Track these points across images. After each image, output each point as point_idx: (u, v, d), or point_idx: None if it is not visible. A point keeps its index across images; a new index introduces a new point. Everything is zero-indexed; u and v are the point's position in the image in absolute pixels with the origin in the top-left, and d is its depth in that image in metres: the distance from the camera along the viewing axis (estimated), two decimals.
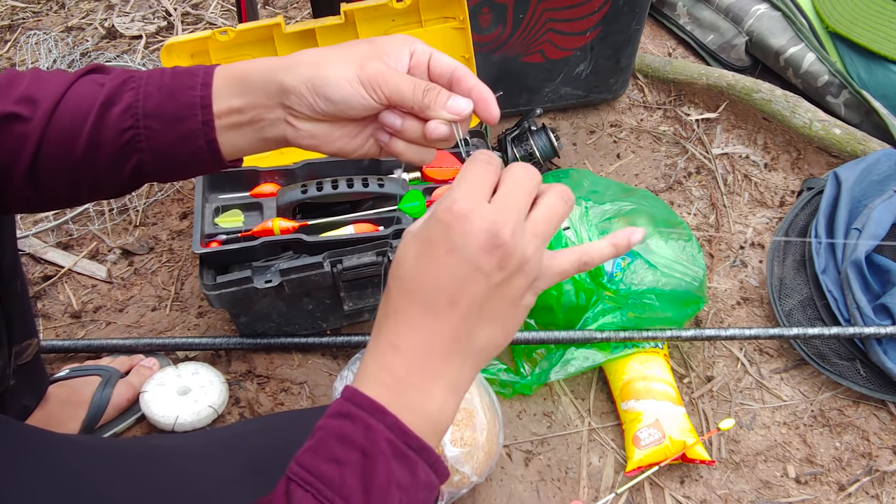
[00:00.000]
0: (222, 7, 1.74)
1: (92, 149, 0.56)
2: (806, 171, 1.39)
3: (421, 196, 1.08)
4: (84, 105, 0.55)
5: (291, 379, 1.11)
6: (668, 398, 1.03)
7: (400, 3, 1.06)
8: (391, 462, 0.44)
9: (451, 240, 0.45)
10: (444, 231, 0.46)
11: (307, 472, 0.44)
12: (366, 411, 0.45)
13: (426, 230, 0.47)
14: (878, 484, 1.03)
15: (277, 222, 1.04)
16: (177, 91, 0.56)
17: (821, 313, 1.13)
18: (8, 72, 0.57)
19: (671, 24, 1.64)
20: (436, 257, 0.46)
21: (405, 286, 0.47)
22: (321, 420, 0.47)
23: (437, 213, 0.46)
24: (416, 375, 0.47)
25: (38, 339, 0.88)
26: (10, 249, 0.79)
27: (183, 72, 0.57)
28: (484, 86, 0.56)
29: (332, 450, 0.45)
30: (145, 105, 0.55)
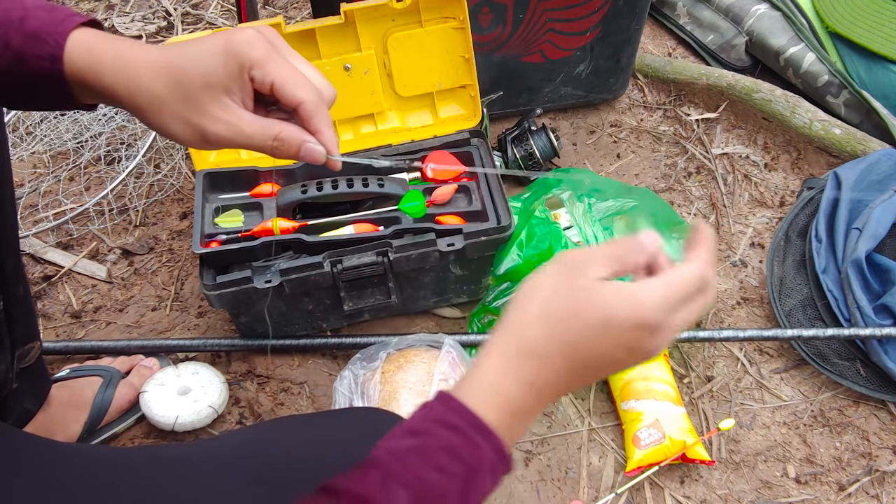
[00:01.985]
0: (222, 7, 1.74)
1: None
2: (806, 171, 1.39)
3: (421, 196, 1.08)
4: None
5: (291, 379, 1.11)
6: (668, 398, 1.03)
7: (400, 3, 1.06)
8: (486, 478, 0.48)
9: (636, 338, 0.48)
10: (638, 328, 0.48)
11: (412, 475, 0.46)
12: (475, 430, 0.47)
13: (622, 313, 0.48)
14: (878, 484, 1.03)
15: (277, 222, 1.04)
16: (25, 57, 0.53)
17: (821, 313, 1.13)
18: None
19: (671, 24, 1.64)
20: (618, 345, 0.48)
21: (571, 349, 0.49)
22: (423, 420, 0.48)
23: (643, 308, 0.48)
24: (532, 413, 0.50)
25: (40, 343, 0.88)
26: (13, 254, 0.79)
27: (32, 32, 0.53)
28: (330, 133, 0.55)
29: (439, 459, 0.46)
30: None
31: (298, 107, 0.55)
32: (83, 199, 1.34)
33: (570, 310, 0.49)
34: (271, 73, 0.53)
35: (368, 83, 1.13)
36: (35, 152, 1.43)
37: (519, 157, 1.31)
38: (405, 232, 1.05)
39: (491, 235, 1.04)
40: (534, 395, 0.49)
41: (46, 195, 1.36)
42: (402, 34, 1.10)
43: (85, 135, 1.42)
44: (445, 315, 1.19)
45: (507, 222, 1.04)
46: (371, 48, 1.11)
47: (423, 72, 1.14)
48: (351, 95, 1.14)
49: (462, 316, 1.19)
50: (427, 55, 1.12)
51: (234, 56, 0.53)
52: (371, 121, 1.19)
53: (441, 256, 1.04)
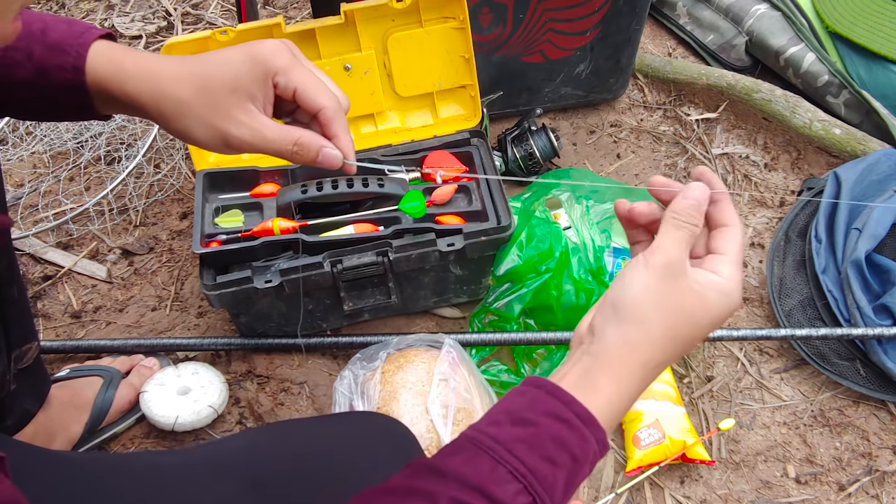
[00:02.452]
0: (222, 7, 1.74)
1: None
2: (806, 171, 1.39)
3: (421, 196, 1.08)
4: None
5: (291, 379, 1.11)
6: (668, 398, 1.03)
7: (400, 3, 1.06)
8: (588, 468, 0.50)
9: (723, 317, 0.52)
10: (728, 313, 0.52)
11: (521, 464, 0.46)
12: (583, 422, 0.49)
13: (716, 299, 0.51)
14: (878, 484, 1.03)
15: (277, 222, 1.04)
16: (47, 69, 0.55)
17: (821, 313, 1.13)
18: None
19: (671, 24, 1.63)
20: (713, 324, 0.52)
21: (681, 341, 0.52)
22: (528, 408, 0.50)
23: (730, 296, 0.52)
24: (631, 403, 0.53)
25: (38, 343, 0.88)
26: (6, 256, 0.78)
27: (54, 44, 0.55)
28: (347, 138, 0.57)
29: (548, 449, 0.48)
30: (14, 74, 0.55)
31: (319, 112, 0.56)
32: (83, 199, 1.34)
33: (682, 312, 0.51)
34: (294, 80, 0.55)
35: (368, 83, 1.13)
36: (35, 152, 1.43)
37: (519, 157, 1.31)
38: (405, 232, 1.05)
39: (491, 235, 1.04)
40: (634, 385, 0.51)
41: (46, 195, 1.36)
42: (402, 34, 1.10)
43: (85, 135, 1.42)
44: (445, 315, 1.19)
45: (507, 222, 1.04)
46: (371, 48, 1.11)
47: (423, 72, 1.14)
48: (351, 95, 1.13)
49: (462, 316, 1.19)
50: (427, 55, 1.12)
51: (261, 63, 0.55)
52: (371, 121, 1.19)
53: (441, 256, 1.04)
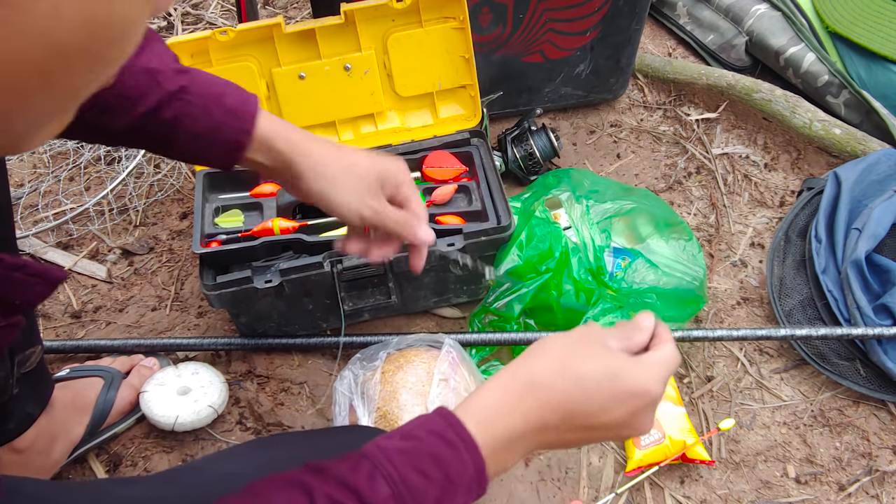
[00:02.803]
0: (222, 7, 1.74)
1: (132, 133, 0.66)
2: (806, 171, 1.39)
3: (421, 196, 1.08)
4: (138, 90, 0.65)
5: (291, 379, 1.11)
6: (668, 398, 1.03)
7: (400, 3, 1.06)
8: (462, 494, 0.51)
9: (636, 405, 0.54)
10: (639, 394, 0.54)
11: (396, 472, 0.49)
12: (465, 447, 0.51)
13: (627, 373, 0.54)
14: (878, 484, 1.03)
15: (277, 222, 1.04)
16: (221, 129, 0.67)
17: (821, 313, 1.13)
18: None
19: (671, 24, 1.64)
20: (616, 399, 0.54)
21: (581, 385, 0.54)
22: (418, 427, 0.52)
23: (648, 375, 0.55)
24: (521, 444, 0.54)
25: (41, 347, 0.88)
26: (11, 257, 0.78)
27: (230, 108, 0.67)
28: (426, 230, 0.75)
29: (423, 464, 0.50)
30: (190, 125, 0.67)
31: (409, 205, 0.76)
32: (83, 199, 1.34)
33: (584, 355, 0.55)
34: (406, 193, 0.75)
35: (368, 83, 1.13)
36: (35, 152, 1.43)
37: (519, 157, 1.31)
38: None
39: (491, 235, 1.04)
40: (527, 429, 0.53)
41: (46, 195, 1.36)
42: (402, 34, 1.10)
43: None
44: (445, 315, 1.19)
45: (507, 222, 1.04)
46: (371, 48, 1.11)
47: (423, 72, 1.14)
48: (351, 95, 1.14)
49: (462, 316, 1.19)
50: (427, 55, 1.12)
51: (394, 174, 0.74)
52: (371, 121, 1.19)
53: (441, 256, 1.04)
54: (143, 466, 1.03)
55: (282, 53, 1.09)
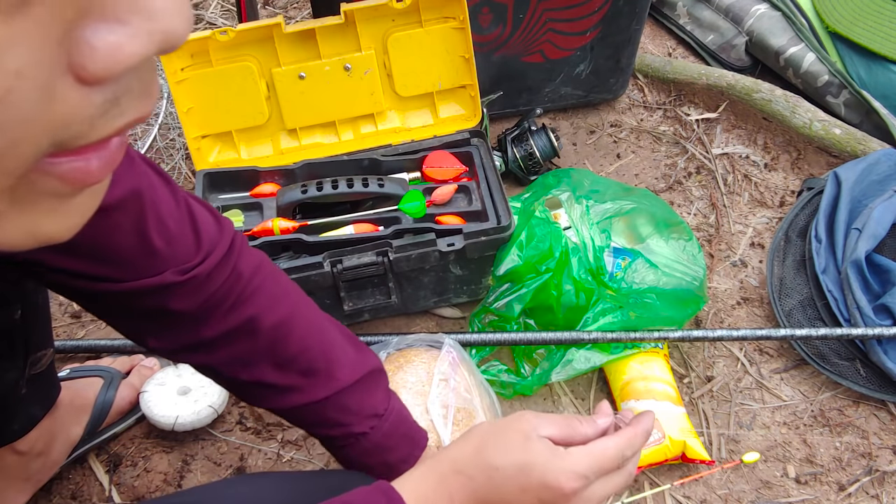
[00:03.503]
0: (222, 7, 1.74)
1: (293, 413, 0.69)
2: (806, 171, 1.39)
3: (421, 196, 1.08)
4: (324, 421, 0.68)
5: None
6: (668, 398, 1.03)
7: (400, 3, 1.06)
8: None
9: (546, 499, 0.53)
10: (549, 487, 0.52)
11: None
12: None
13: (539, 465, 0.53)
14: (878, 484, 1.03)
15: (277, 222, 1.04)
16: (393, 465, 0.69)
17: (821, 313, 1.13)
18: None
19: (671, 24, 1.64)
20: (526, 491, 0.53)
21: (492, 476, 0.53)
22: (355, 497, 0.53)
23: (557, 468, 0.53)
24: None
25: (53, 350, 0.89)
26: None
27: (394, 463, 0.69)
28: None
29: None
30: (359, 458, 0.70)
31: None
32: None
33: (500, 444, 0.54)
34: None
35: (368, 83, 1.13)
36: None
37: (519, 157, 1.31)
38: (405, 232, 1.05)
39: (491, 235, 1.04)
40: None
41: None
42: (402, 34, 1.10)
43: None
44: (445, 315, 1.19)
45: (507, 222, 1.04)
46: (371, 48, 1.11)
47: (423, 72, 1.14)
48: (351, 95, 1.14)
49: (462, 316, 1.19)
50: (427, 55, 1.12)
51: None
52: (371, 121, 1.19)
53: (441, 256, 1.04)
54: (143, 466, 1.03)
55: (282, 53, 1.09)
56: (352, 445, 0.68)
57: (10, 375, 0.81)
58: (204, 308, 0.61)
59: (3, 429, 0.87)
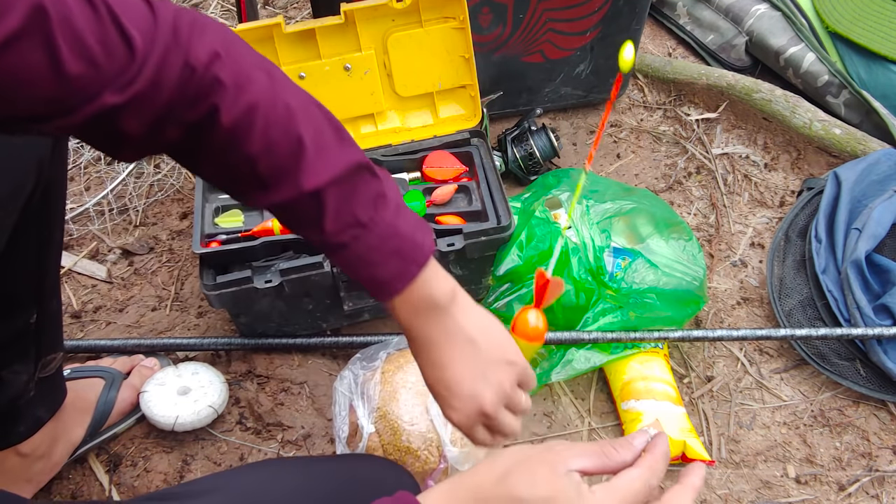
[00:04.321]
0: (222, 7, 1.74)
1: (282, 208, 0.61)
2: (806, 171, 1.39)
3: (421, 196, 1.08)
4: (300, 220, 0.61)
5: (291, 379, 1.11)
6: (668, 398, 1.03)
7: (400, 3, 1.06)
8: None
9: None
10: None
11: None
12: None
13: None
14: (878, 484, 1.03)
15: (277, 222, 1.04)
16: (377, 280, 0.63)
17: (821, 313, 1.13)
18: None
19: (671, 24, 1.64)
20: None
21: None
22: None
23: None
24: None
25: (63, 353, 0.89)
26: (53, 271, 0.81)
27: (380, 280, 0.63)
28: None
29: None
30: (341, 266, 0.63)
31: None
32: (83, 199, 1.34)
33: (525, 475, 0.50)
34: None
35: (368, 83, 1.13)
36: None
37: (519, 157, 1.31)
38: None
39: (491, 235, 1.04)
40: None
41: None
42: (402, 34, 1.10)
43: None
44: None
45: (507, 222, 1.04)
46: (371, 48, 1.11)
47: (423, 72, 1.14)
48: (351, 95, 1.14)
49: None
50: (427, 55, 1.12)
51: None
52: (371, 121, 1.19)
53: (441, 256, 1.03)
54: (142, 466, 1.03)
55: (282, 53, 1.09)
56: (331, 254, 0.62)
57: (20, 378, 0.81)
58: (160, 118, 0.52)
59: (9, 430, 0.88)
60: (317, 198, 0.58)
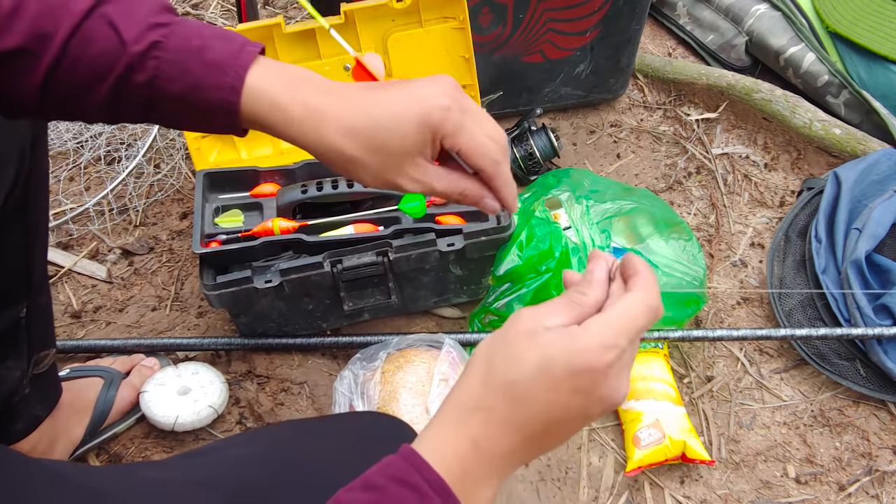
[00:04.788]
0: (222, 7, 1.74)
1: (108, 105, 0.54)
2: (806, 171, 1.39)
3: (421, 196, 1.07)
4: (104, 62, 0.52)
5: (291, 379, 1.11)
6: (668, 398, 1.03)
7: (400, 3, 1.06)
8: None
9: (581, 384, 0.46)
10: (578, 372, 0.45)
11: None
12: (432, 489, 0.45)
13: (561, 354, 0.46)
14: (878, 484, 1.03)
15: (277, 222, 1.04)
16: (202, 86, 0.54)
17: (821, 313, 1.13)
18: None
19: (671, 24, 1.64)
20: (559, 389, 0.46)
21: (514, 394, 0.46)
22: (381, 477, 0.46)
23: (578, 347, 0.45)
24: (484, 472, 0.47)
25: (55, 350, 0.89)
26: (41, 265, 0.81)
27: (212, 62, 0.54)
28: (507, 190, 0.60)
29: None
30: (167, 87, 0.53)
31: (479, 172, 0.59)
32: (83, 199, 1.34)
33: (508, 357, 0.47)
34: (459, 143, 0.57)
35: None
36: None
37: (519, 157, 1.31)
38: (405, 232, 1.06)
39: (491, 235, 1.04)
40: (482, 456, 0.46)
41: None
42: (402, 34, 1.10)
43: (85, 135, 1.42)
44: (445, 315, 1.19)
45: (507, 222, 1.04)
46: (371, 48, 1.11)
47: (423, 72, 1.14)
48: None
49: (462, 316, 1.19)
50: (427, 55, 1.12)
51: (429, 127, 0.56)
52: None
53: (441, 256, 1.04)
54: None
55: (282, 53, 1.09)
56: (158, 79, 0.53)
57: (14, 374, 0.81)
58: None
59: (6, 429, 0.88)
60: (98, 16, 0.52)
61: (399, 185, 0.58)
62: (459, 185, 0.60)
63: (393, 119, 0.56)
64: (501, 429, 0.46)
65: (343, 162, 0.57)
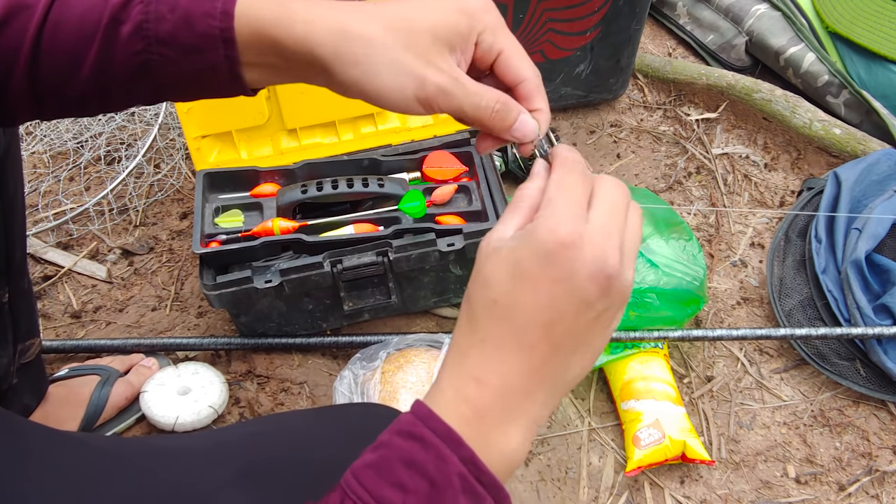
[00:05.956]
0: None
1: (100, 72, 0.49)
2: (806, 171, 1.39)
3: (421, 196, 1.08)
4: (88, 21, 0.48)
5: (291, 379, 1.11)
6: (668, 398, 1.03)
7: None
8: (460, 497, 0.41)
9: (557, 267, 0.42)
10: (548, 258, 0.42)
11: (367, 494, 0.40)
12: (441, 438, 0.41)
13: (524, 251, 0.42)
14: (878, 484, 1.03)
15: (277, 222, 1.04)
16: (193, 17, 0.47)
17: (821, 313, 1.13)
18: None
19: (671, 24, 1.64)
20: (538, 285, 0.42)
21: (498, 313, 0.43)
22: (387, 433, 0.43)
23: (537, 235, 0.42)
24: (498, 412, 0.43)
25: (40, 339, 0.89)
26: (20, 248, 0.80)
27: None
28: (548, 114, 0.52)
29: (398, 474, 0.41)
30: (157, 29, 0.48)
31: (521, 83, 0.51)
32: (83, 199, 1.34)
33: (480, 282, 0.44)
34: (501, 42, 0.50)
35: None
36: (35, 152, 1.43)
37: (519, 157, 1.31)
38: (405, 232, 1.05)
39: None
40: (492, 393, 0.43)
41: (46, 195, 1.36)
42: None
43: (85, 135, 1.42)
44: (445, 315, 1.19)
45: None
46: None
47: None
48: None
49: None
50: None
51: (469, 14, 0.48)
52: (371, 121, 1.19)
53: (441, 256, 1.04)
54: None
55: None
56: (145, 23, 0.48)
57: (1, 362, 0.81)
58: None
59: None
60: None
61: (426, 77, 0.47)
62: (496, 91, 0.50)
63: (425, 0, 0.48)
64: (500, 354, 0.43)
65: (360, 49, 0.46)
